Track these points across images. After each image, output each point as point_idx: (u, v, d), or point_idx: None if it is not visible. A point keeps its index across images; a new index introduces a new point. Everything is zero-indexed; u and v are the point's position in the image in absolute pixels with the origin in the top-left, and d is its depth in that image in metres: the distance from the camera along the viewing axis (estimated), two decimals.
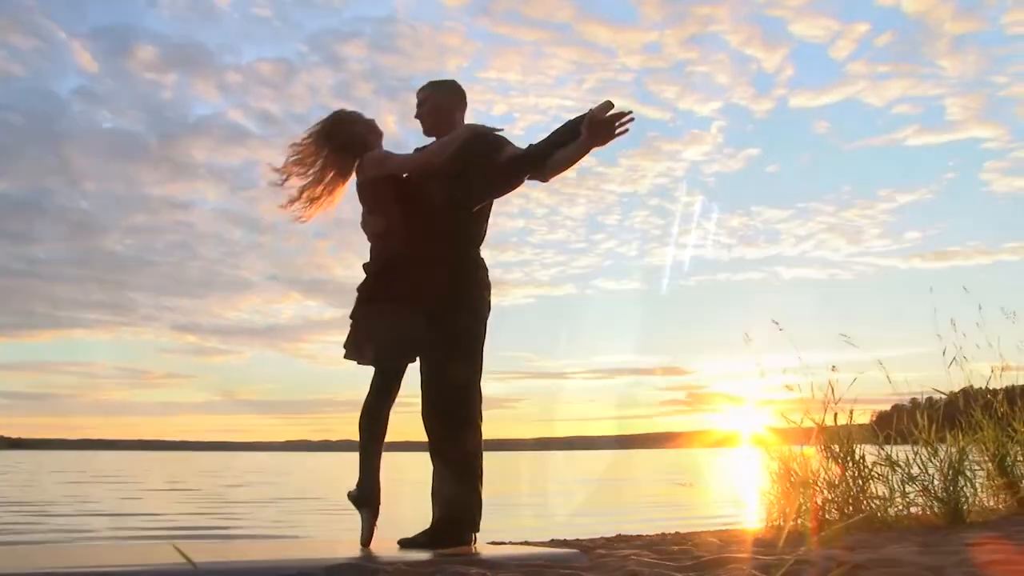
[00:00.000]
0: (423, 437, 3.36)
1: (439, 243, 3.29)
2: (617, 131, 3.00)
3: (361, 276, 3.36)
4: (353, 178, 3.43)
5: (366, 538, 3.18)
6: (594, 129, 2.99)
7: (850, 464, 4.12)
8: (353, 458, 3.33)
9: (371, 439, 3.27)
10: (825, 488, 4.17)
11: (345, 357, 3.30)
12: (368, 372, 3.32)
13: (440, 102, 3.43)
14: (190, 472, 25.08)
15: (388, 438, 3.35)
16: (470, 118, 3.49)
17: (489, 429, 3.41)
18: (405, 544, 3.21)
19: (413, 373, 3.42)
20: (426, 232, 3.29)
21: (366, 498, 3.20)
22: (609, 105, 2.98)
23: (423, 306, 3.25)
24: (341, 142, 3.37)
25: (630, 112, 2.98)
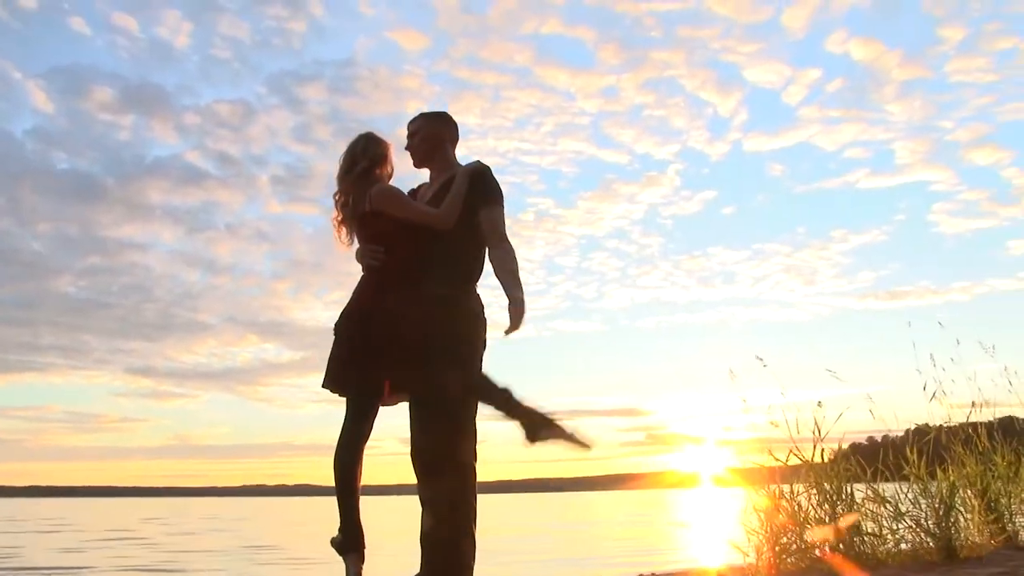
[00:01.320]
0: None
1: (437, 278, 3.18)
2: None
3: (324, 315, 3.20)
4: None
5: None
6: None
7: (840, 501, 4.04)
8: (311, 503, 3.17)
9: (349, 480, 3.10)
10: (815, 525, 4.08)
11: (323, 386, 3.14)
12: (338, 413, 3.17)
13: (431, 134, 3.36)
14: (140, 519, 24.15)
15: (368, 481, 3.19)
16: None
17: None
18: None
19: (400, 414, 3.27)
20: (425, 267, 3.17)
21: (351, 543, 3.02)
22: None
23: (416, 344, 3.11)
24: (367, 165, 3.24)
25: None
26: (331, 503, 3.07)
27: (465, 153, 3.34)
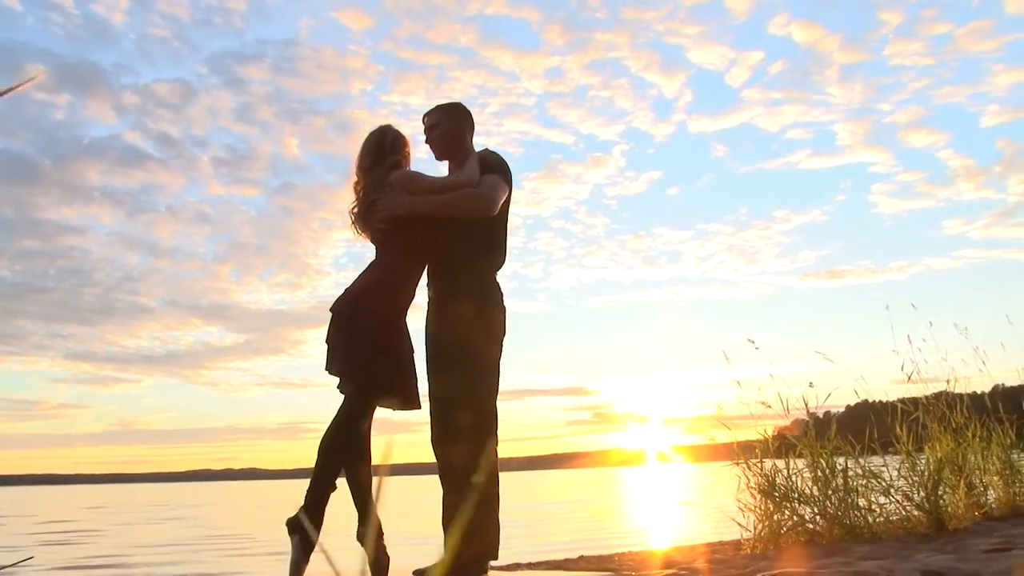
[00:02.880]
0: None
1: (435, 278, 3.19)
2: None
3: (268, 298, 3.18)
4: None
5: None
6: None
7: (834, 476, 4.19)
8: (259, 487, 3.16)
9: (362, 471, 3.11)
10: (809, 501, 4.22)
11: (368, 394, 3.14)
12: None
13: (452, 127, 3.36)
14: (84, 508, 23.48)
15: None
16: None
17: (394, 454, 3.29)
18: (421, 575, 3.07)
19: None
20: (424, 265, 3.18)
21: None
22: None
23: (407, 349, 3.14)
24: (398, 160, 3.23)
25: None
26: (280, 486, 3.06)
27: (411, 133, 3.39)
